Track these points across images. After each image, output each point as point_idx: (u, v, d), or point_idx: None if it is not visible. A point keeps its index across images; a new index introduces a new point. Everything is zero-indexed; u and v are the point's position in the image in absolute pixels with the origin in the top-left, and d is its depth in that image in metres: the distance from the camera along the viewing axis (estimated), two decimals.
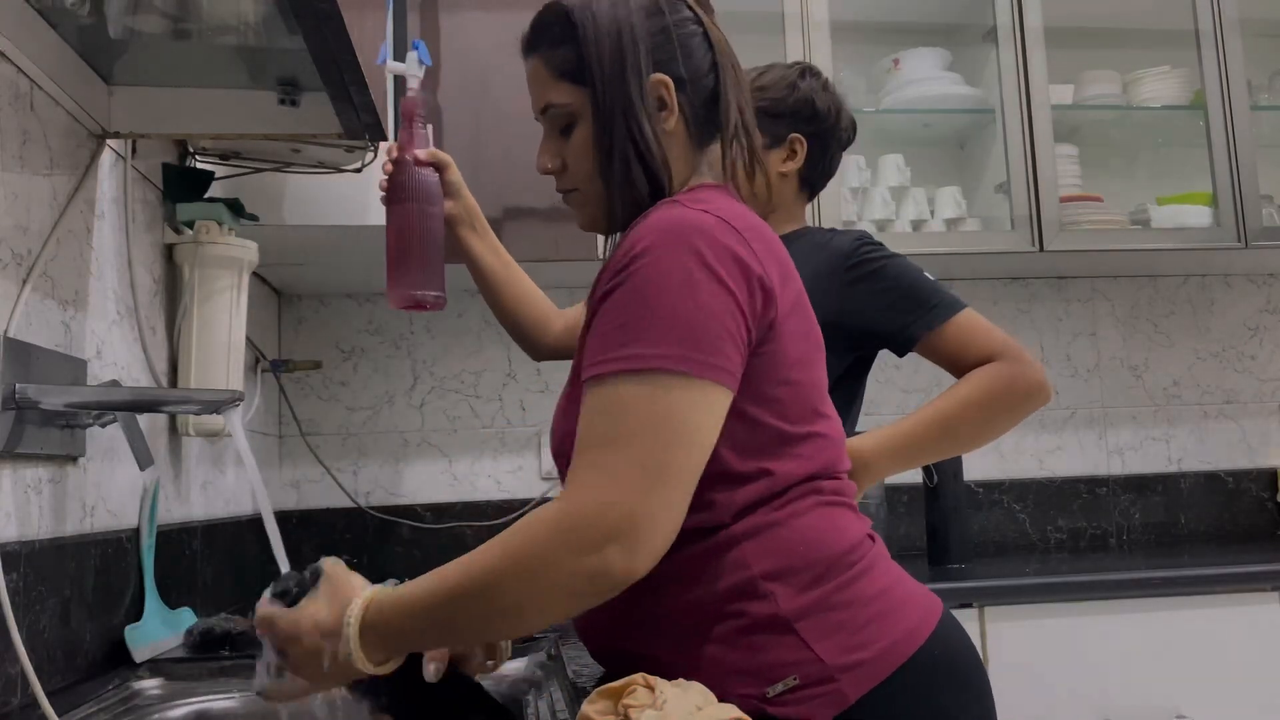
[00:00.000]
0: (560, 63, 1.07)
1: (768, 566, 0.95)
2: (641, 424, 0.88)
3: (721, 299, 0.92)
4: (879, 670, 0.93)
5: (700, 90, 1.06)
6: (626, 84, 1.03)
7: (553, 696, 1.14)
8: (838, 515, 1.01)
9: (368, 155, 1.64)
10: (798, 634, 0.93)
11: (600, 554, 0.85)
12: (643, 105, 1.03)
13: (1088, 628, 1.90)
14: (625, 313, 0.91)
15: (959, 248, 2.35)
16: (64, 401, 1.12)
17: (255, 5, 1.10)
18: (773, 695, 0.92)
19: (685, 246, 0.92)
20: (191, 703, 1.25)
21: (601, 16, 1.04)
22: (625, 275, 0.93)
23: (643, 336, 0.90)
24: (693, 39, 1.06)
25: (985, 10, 2.41)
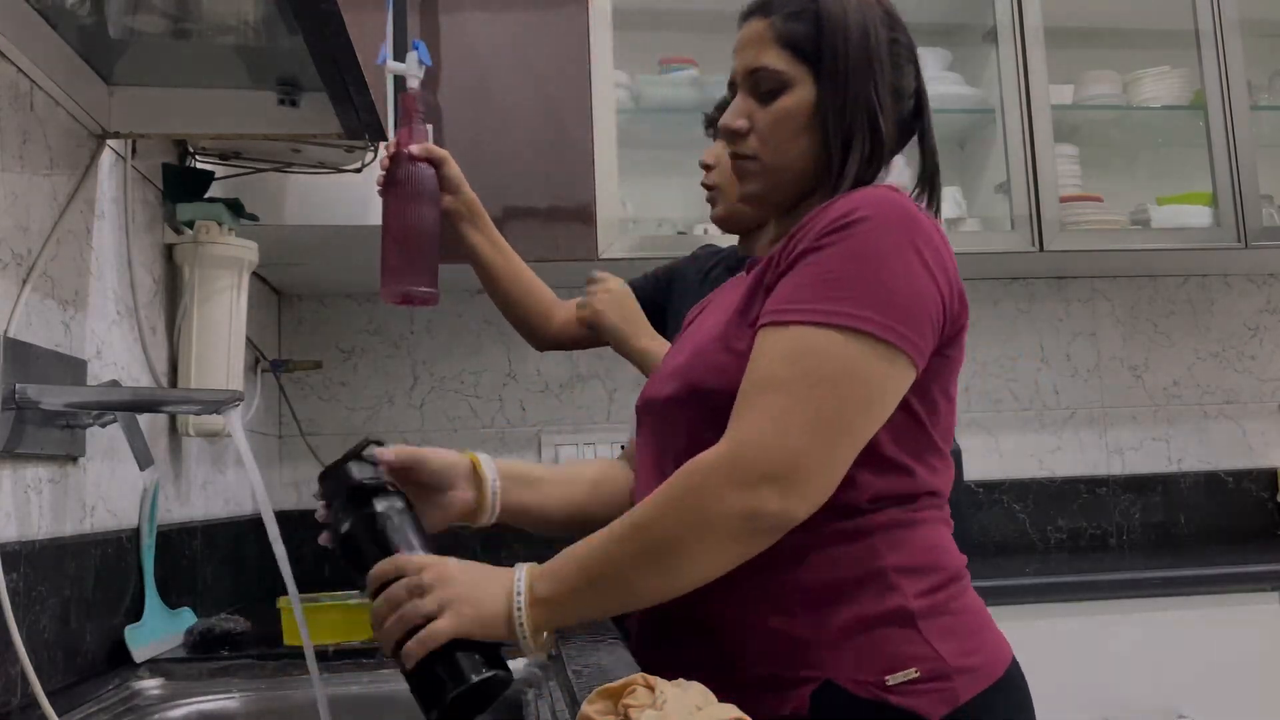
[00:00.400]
0: (792, 33, 1.06)
1: (899, 560, 0.97)
2: (827, 373, 0.90)
3: (929, 287, 0.95)
4: (986, 676, 0.97)
5: (904, 109, 1.12)
6: (873, 78, 1.05)
7: (553, 696, 1.14)
8: (949, 535, 1.05)
9: (368, 155, 1.64)
10: (919, 630, 0.96)
11: (755, 491, 0.86)
12: (883, 99, 1.06)
13: (1088, 628, 1.90)
14: (836, 270, 0.93)
15: (959, 248, 2.32)
16: (64, 401, 1.12)
17: (255, 5, 1.09)
18: (892, 684, 0.94)
19: (906, 228, 0.95)
20: (191, 703, 1.25)
21: (851, 10, 1.05)
22: (842, 235, 0.94)
23: (850, 295, 0.91)
24: (908, 60, 1.11)
25: (985, 10, 2.41)
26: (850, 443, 0.91)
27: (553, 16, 2.21)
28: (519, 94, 2.17)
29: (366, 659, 1.33)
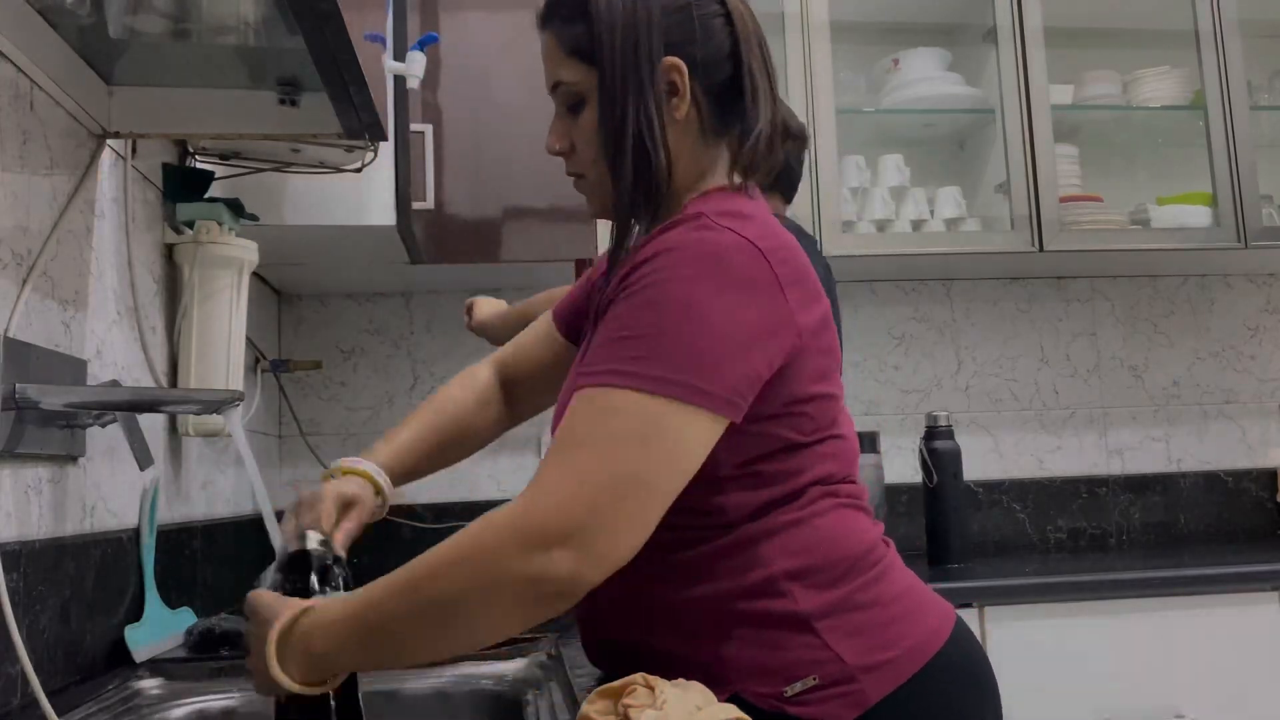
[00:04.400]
0: (571, 39, 1.00)
1: (787, 565, 0.94)
2: (625, 433, 0.85)
3: (738, 331, 0.89)
4: (901, 671, 0.93)
5: (717, 76, 1.00)
6: (638, 65, 0.97)
7: (553, 696, 1.14)
8: (854, 518, 1.00)
9: (368, 155, 1.64)
10: (817, 633, 0.92)
11: (547, 555, 0.81)
12: (650, 89, 0.97)
13: (1088, 628, 1.90)
14: (632, 326, 0.89)
15: (959, 248, 2.35)
16: (64, 401, 1.12)
17: (255, 5, 1.09)
18: (790, 694, 0.91)
19: (706, 271, 0.89)
20: (191, 703, 1.25)
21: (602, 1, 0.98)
22: (638, 287, 0.90)
23: (646, 355, 0.87)
24: (713, 19, 1.00)
25: (985, 10, 2.41)
26: (650, 501, 0.85)
27: None
28: (519, 94, 2.17)
29: None
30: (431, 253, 2.14)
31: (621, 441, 0.85)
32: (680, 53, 0.98)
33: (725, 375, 0.88)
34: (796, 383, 0.95)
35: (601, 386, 0.87)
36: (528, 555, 0.81)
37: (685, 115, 0.99)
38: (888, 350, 2.63)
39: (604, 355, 0.89)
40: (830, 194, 2.27)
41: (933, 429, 2.24)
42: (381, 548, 2.42)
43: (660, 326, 0.87)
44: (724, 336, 0.88)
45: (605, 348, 0.90)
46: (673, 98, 0.99)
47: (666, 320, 0.87)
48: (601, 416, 0.86)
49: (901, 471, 2.54)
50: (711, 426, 0.88)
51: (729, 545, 0.95)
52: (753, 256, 0.91)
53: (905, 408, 2.61)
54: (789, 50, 2.30)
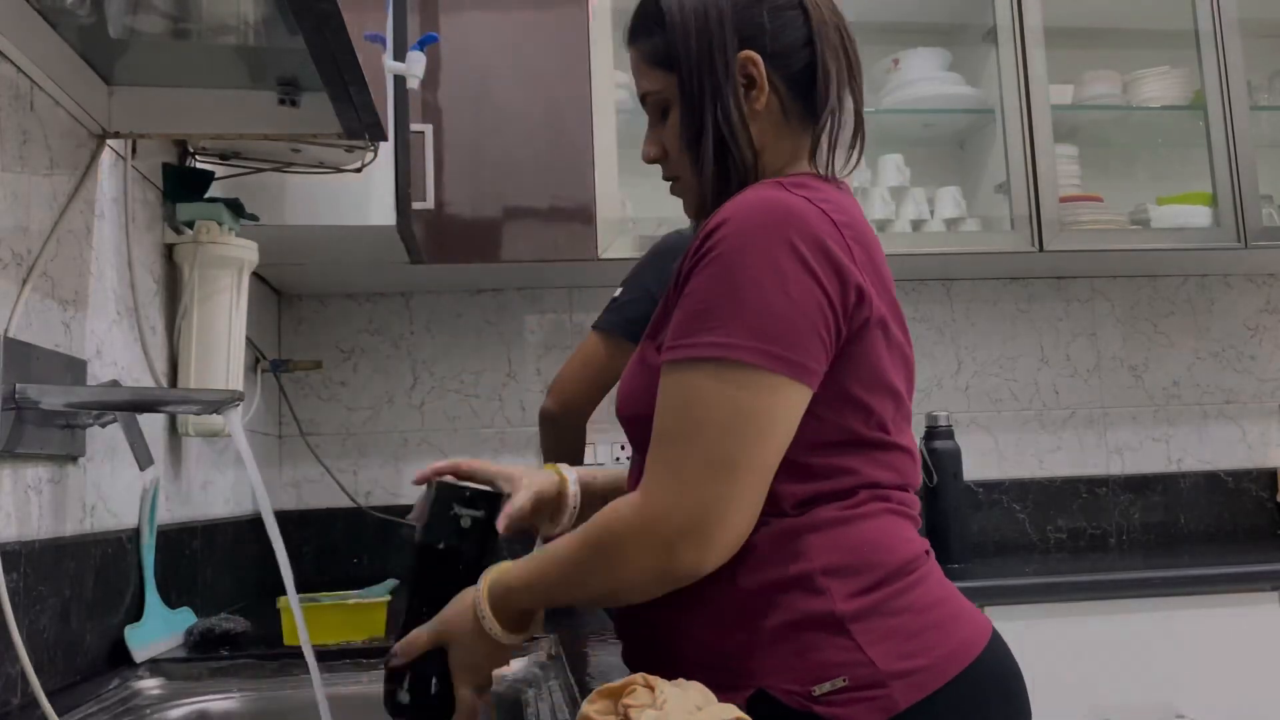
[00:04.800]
0: (652, 50, 1.05)
1: (828, 562, 0.94)
2: (710, 418, 0.88)
3: (810, 292, 0.90)
4: (932, 680, 0.92)
5: (795, 65, 1.02)
6: (713, 63, 1.00)
7: (553, 696, 1.14)
8: (901, 525, 1.00)
9: (368, 155, 1.64)
10: (851, 635, 0.92)
11: (670, 552, 0.88)
12: (728, 85, 1.00)
13: (1087, 628, 1.90)
14: (708, 297, 0.90)
15: (959, 248, 2.35)
16: (64, 401, 1.12)
17: (255, 5, 1.09)
18: (819, 694, 0.90)
19: (777, 231, 0.90)
20: (191, 703, 1.25)
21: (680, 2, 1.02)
22: (711, 255, 0.91)
23: (723, 324, 0.89)
24: (786, 12, 1.02)
25: (985, 10, 2.41)
26: (753, 483, 0.89)
27: (553, 16, 2.21)
28: (519, 94, 2.17)
29: (366, 659, 1.33)
30: (431, 253, 2.14)
31: (709, 428, 0.88)
32: (755, 45, 1.01)
33: (803, 341, 0.89)
34: (863, 365, 0.95)
35: (685, 364, 0.90)
36: (653, 553, 0.89)
37: (766, 105, 1.02)
38: None
39: (683, 330, 0.91)
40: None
41: (933, 429, 2.24)
42: (381, 548, 2.42)
43: (731, 294, 0.89)
44: (799, 301, 0.89)
45: (684, 323, 0.92)
46: (751, 90, 1.02)
47: (736, 287, 0.89)
48: (689, 404, 0.90)
49: None
50: (796, 394, 0.90)
51: (772, 536, 0.95)
52: (823, 222, 0.93)
53: None
54: None
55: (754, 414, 0.88)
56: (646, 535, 0.88)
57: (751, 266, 0.89)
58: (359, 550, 2.39)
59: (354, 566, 2.37)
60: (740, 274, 0.89)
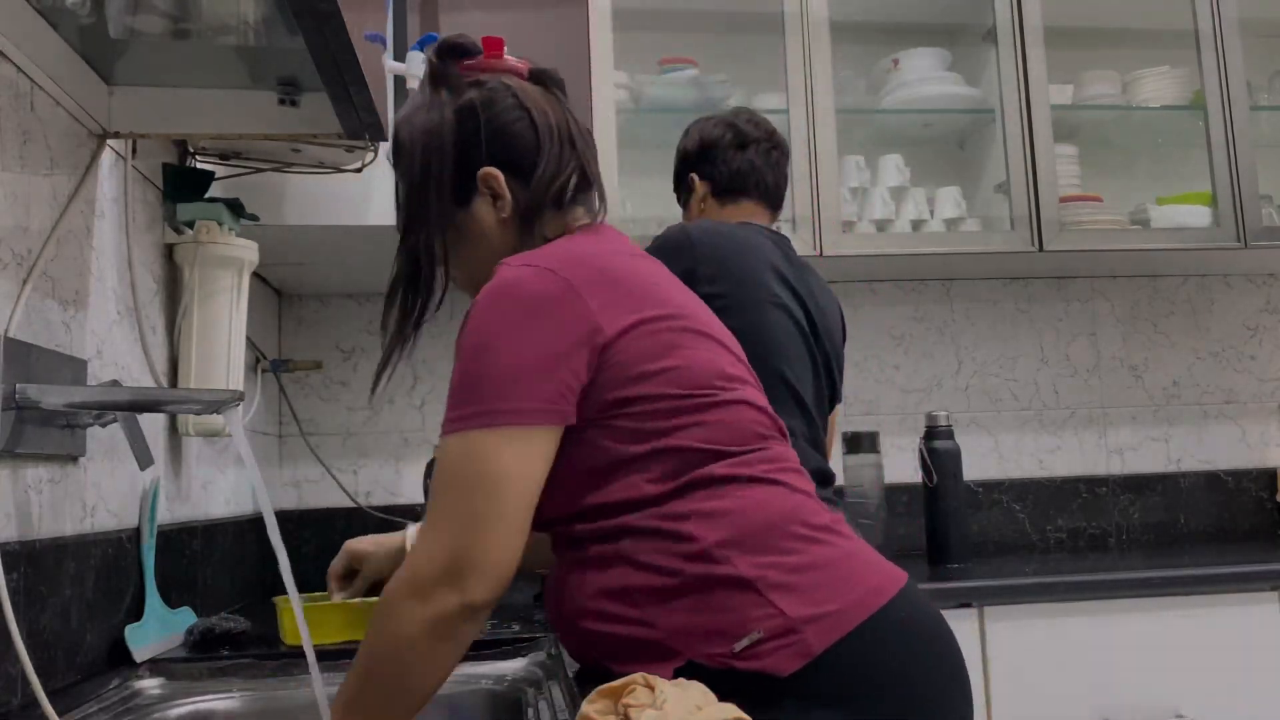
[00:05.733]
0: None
1: (718, 537, 0.99)
2: (451, 479, 0.99)
3: (535, 348, 0.99)
4: (843, 623, 0.97)
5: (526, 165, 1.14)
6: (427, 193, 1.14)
7: (553, 696, 1.14)
8: (770, 490, 1.04)
9: (368, 155, 1.64)
10: (758, 591, 0.97)
11: (429, 598, 0.96)
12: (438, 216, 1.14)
13: (1087, 628, 1.90)
14: (453, 381, 1.02)
15: (959, 248, 2.35)
16: (64, 401, 1.12)
17: (255, 5, 1.10)
18: (739, 650, 0.95)
19: (495, 307, 1.01)
20: (191, 703, 1.25)
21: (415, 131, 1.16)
22: (459, 341, 1.03)
23: (455, 400, 1.00)
24: (516, 124, 1.14)
25: (985, 10, 2.41)
26: (500, 526, 0.97)
27: (553, 16, 2.21)
28: None
29: None
30: None
31: (455, 486, 0.99)
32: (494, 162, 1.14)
33: (533, 388, 0.99)
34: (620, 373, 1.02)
35: (442, 439, 1.02)
36: (416, 601, 0.96)
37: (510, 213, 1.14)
38: (888, 350, 2.63)
39: (446, 409, 1.03)
40: (830, 194, 2.27)
41: (933, 429, 2.24)
42: None
43: (466, 368, 1.01)
44: (522, 355, 0.99)
45: (446, 403, 1.03)
46: (498, 202, 1.14)
47: (471, 360, 1.01)
48: (441, 469, 1.01)
49: (901, 471, 2.55)
50: (534, 438, 0.99)
51: (657, 528, 1.00)
52: (536, 277, 1.02)
53: (905, 408, 2.61)
54: (789, 50, 2.30)
55: (494, 471, 0.98)
56: (408, 587, 0.97)
57: (473, 344, 1.01)
58: None
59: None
60: (465, 354, 1.01)
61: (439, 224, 1.15)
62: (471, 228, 1.15)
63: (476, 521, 0.97)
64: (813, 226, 2.25)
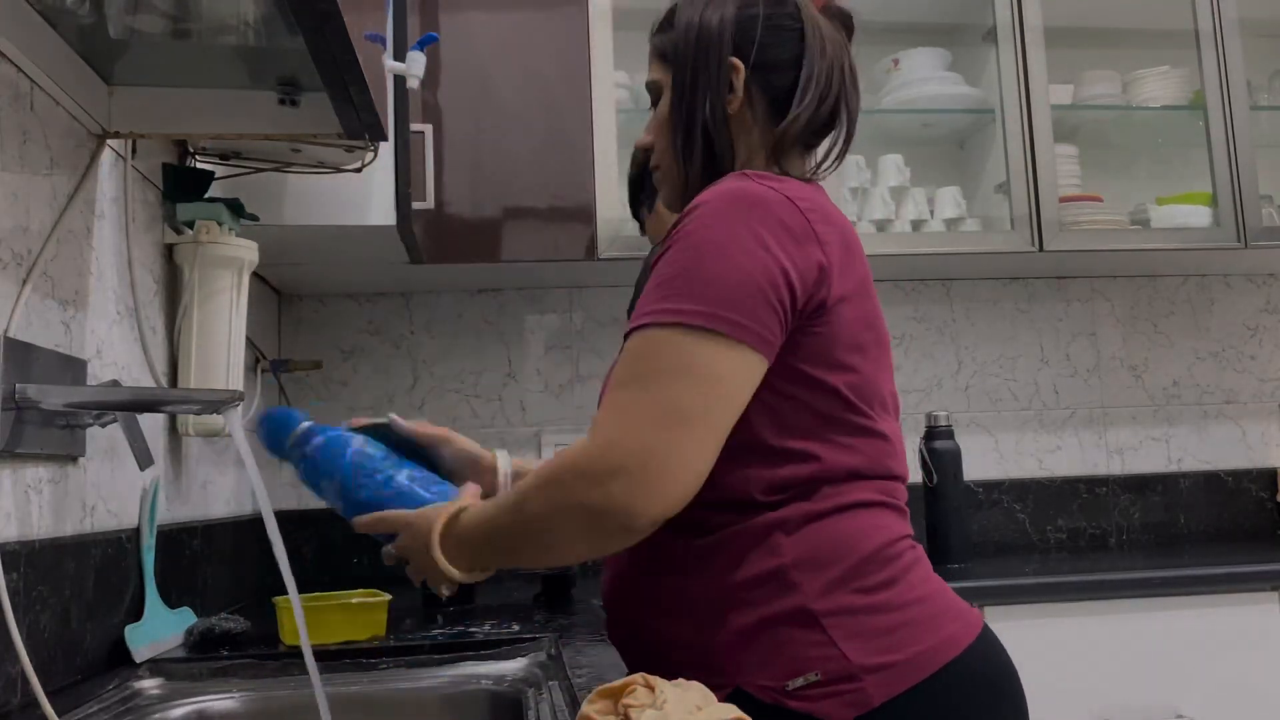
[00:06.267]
0: (659, 44, 1.15)
1: (799, 556, 0.94)
2: (664, 368, 0.90)
3: (765, 267, 0.93)
4: (908, 675, 0.92)
5: (779, 80, 1.09)
6: (706, 64, 1.08)
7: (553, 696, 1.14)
8: (879, 515, 0.99)
9: (368, 155, 1.64)
10: (824, 629, 0.92)
11: (604, 488, 0.87)
12: (718, 86, 1.07)
13: (1088, 628, 1.90)
14: (669, 270, 0.94)
15: (959, 248, 2.35)
16: (64, 401, 1.12)
17: (255, 5, 1.09)
18: (791, 689, 0.91)
19: (739, 214, 0.94)
20: (191, 703, 1.25)
21: (699, 4, 1.11)
22: (677, 236, 0.96)
23: (680, 293, 0.92)
24: (782, 32, 1.09)
25: (985, 10, 2.41)
26: (699, 435, 0.89)
27: (553, 16, 2.21)
28: (519, 94, 2.17)
29: (366, 659, 1.33)
30: (431, 253, 2.14)
31: (660, 376, 0.90)
32: (742, 55, 1.09)
33: (755, 309, 0.92)
34: (829, 343, 0.97)
35: (641, 329, 0.93)
36: (588, 489, 0.88)
37: (739, 110, 1.09)
38: None
39: (645, 302, 0.95)
40: (830, 194, 2.26)
41: (933, 429, 2.24)
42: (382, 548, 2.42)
43: (692, 266, 0.93)
44: (753, 271, 0.92)
45: (647, 296, 0.95)
46: (729, 93, 1.09)
47: (698, 259, 0.93)
48: (641, 357, 0.92)
49: None
50: (746, 359, 0.92)
51: (745, 532, 0.95)
52: (786, 206, 0.96)
53: (905, 408, 2.61)
54: None
55: (706, 370, 0.90)
56: (585, 467, 0.88)
57: (709, 243, 0.93)
58: (359, 550, 2.39)
59: (354, 566, 2.37)
60: (698, 250, 0.93)
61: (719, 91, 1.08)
62: None
63: (680, 418, 0.88)
64: None
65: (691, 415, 0.89)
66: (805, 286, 0.95)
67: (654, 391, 0.89)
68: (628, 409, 0.89)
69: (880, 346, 1.03)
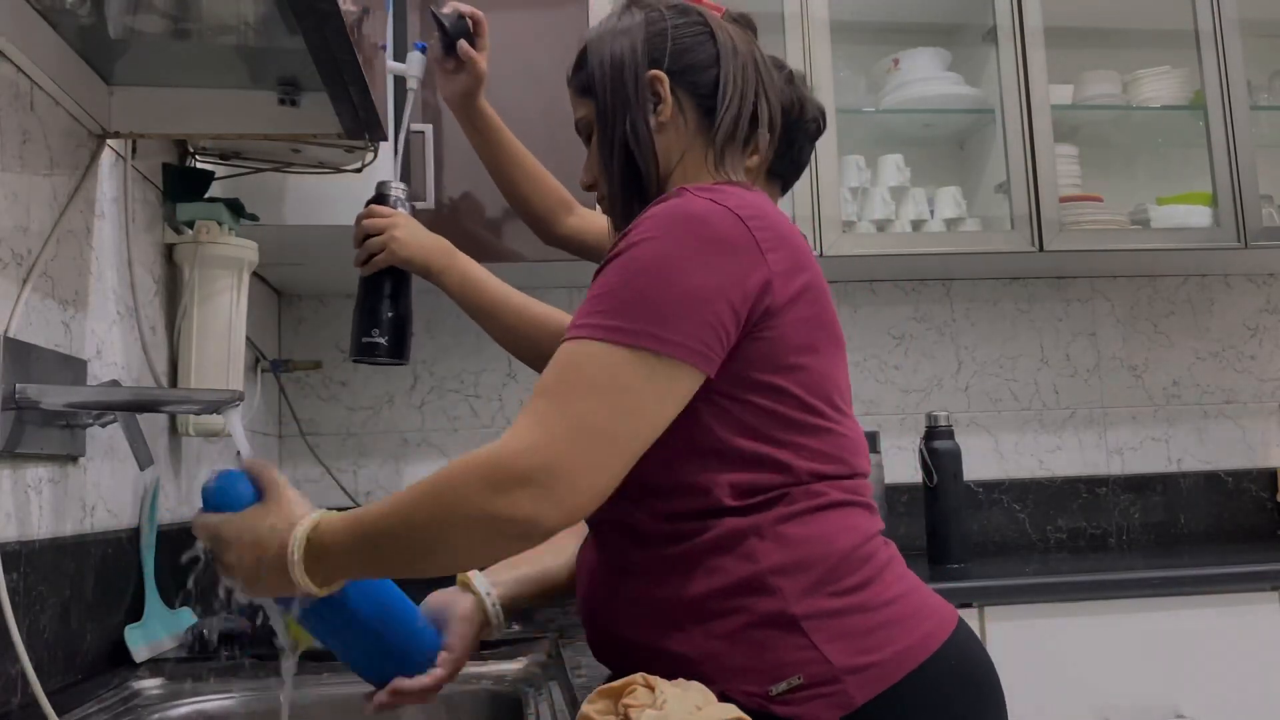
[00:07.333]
0: (577, 83, 1.16)
1: (776, 562, 0.94)
2: (588, 383, 0.90)
3: (703, 283, 0.93)
4: (889, 674, 0.93)
5: (702, 82, 1.11)
6: (623, 84, 1.10)
7: (553, 696, 1.14)
8: (848, 515, 1.00)
9: (368, 155, 1.64)
10: (804, 632, 0.93)
11: (509, 497, 0.85)
12: (636, 103, 1.09)
13: (1088, 628, 1.90)
14: (607, 283, 0.94)
15: (959, 248, 2.35)
16: (64, 401, 1.12)
17: (255, 5, 1.09)
18: (775, 694, 0.91)
19: (677, 230, 0.95)
20: (191, 703, 1.25)
21: (605, 36, 1.13)
22: (617, 252, 0.96)
23: (615, 309, 0.92)
24: (693, 37, 1.11)
25: (985, 10, 2.41)
26: (610, 451, 0.88)
27: (553, 16, 2.21)
28: (519, 94, 2.17)
29: None
30: None
31: (583, 391, 0.90)
32: (661, 65, 1.10)
33: (689, 325, 0.92)
34: (778, 348, 0.97)
35: (572, 340, 0.93)
36: (491, 494, 0.86)
37: (671, 117, 1.10)
38: (888, 350, 2.63)
39: (581, 312, 0.95)
40: (830, 194, 2.27)
41: (933, 429, 2.24)
42: None
43: (628, 282, 0.93)
44: (690, 288, 0.92)
45: (584, 307, 0.95)
46: (658, 105, 1.10)
47: (634, 276, 0.93)
48: (568, 368, 0.91)
49: (901, 471, 2.54)
50: (676, 376, 0.92)
51: (721, 537, 0.95)
52: (727, 218, 0.96)
53: (905, 408, 2.61)
54: (789, 50, 2.30)
55: (626, 389, 0.90)
56: (489, 472, 0.86)
57: (648, 260, 0.93)
58: None
59: None
60: (637, 266, 0.93)
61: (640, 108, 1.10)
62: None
63: (594, 434, 0.88)
64: (813, 226, 2.25)
65: (605, 431, 0.88)
66: (746, 298, 0.95)
67: (572, 404, 0.89)
68: (544, 419, 0.88)
69: (834, 343, 1.04)
